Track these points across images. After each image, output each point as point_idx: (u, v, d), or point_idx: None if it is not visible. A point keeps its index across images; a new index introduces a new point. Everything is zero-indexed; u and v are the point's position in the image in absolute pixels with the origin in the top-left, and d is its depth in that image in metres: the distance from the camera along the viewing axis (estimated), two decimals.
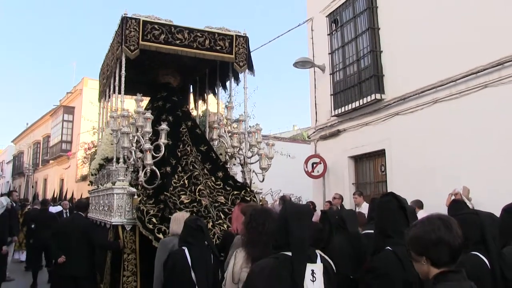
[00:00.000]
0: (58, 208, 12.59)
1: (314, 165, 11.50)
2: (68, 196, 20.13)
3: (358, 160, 10.82)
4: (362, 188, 10.32)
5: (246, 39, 7.47)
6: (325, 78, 11.60)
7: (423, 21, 8.79)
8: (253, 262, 2.91)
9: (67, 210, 12.63)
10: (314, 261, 2.52)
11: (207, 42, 7.10)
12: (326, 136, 11.59)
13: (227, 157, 7.69)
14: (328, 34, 11.46)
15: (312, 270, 2.46)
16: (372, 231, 3.67)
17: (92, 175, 8.64)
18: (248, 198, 6.77)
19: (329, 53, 11.38)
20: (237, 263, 3.22)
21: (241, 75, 7.88)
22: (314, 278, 2.44)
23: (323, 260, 2.58)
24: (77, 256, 6.15)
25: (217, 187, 6.94)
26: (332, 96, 11.11)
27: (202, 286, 3.90)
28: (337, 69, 11.08)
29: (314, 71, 12.08)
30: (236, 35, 7.37)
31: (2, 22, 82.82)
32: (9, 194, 10.28)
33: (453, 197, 7.08)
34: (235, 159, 7.65)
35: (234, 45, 7.32)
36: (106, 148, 7.57)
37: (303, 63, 11.58)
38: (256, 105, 20.73)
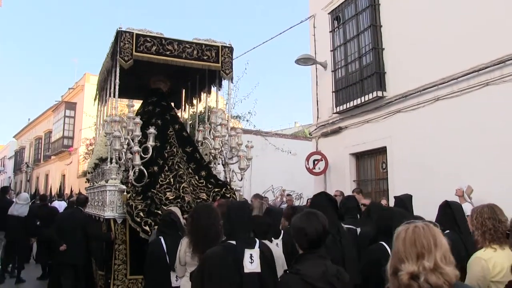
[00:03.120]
0: (63, 204, 12.65)
1: (316, 162, 11.53)
2: (68, 192, 20.25)
3: (360, 157, 10.84)
4: (363, 185, 10.35)
5: (231, 49, 8.11)
6: (327, 75, 11.62)
7: (425, 18, 8.80)
8: (195, 247, 3.62)
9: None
10: (252, 247, 3.17)
11: (195, 52, 7.76)
12: (328, 133, 11.62)
13: (211, 158, 8.35)
14: (330, 31, 11.47)
15: (251, 254, 3.12)
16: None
17: (88, 173, 9.40)
18: (228, 195, 7.38)
19: (331, 50, 11.39)
20: (182, 249, 3.87)
21: (224, 83, 8.66)
22: (252, 260, 3.10)
23: (261, 246, 3.23)
24: (75, 246, 6.96)
25: (200, 185, 7.55)
26: (333, 93, 11.13)
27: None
28: (339, 66, 11.09)
29: (316, 68, 12.10)
30: (221, 45, 8.01)
31: (5, 19, 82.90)
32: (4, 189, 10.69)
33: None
34: (217, 159, 8.30)
35: (220, 54, 7.96)
36: (100, 149, 8.27)
37: (305, 60, 11.61)
38: (257, 101, 20.88)
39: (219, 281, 3.01)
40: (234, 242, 3.16)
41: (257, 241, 3.26)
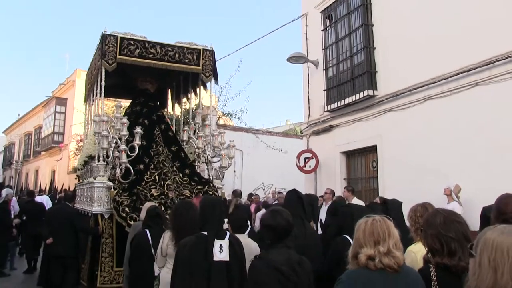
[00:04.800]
0: (44, 198, 12.77)
1: (306, 160, 11.57)
2: (58, 188, 20.17)
3: (350, 155, 10.89)
4: (353, 183, 10.40)
5: (212, 52, 8.41)
6: (318, 73, 11.65)
7: (416, 19, 8.86)
8: (177, 240, 3.90)
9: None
10: (222, 238, 3.52)
11: (177, 55, 8.07)
12: (319, 131, 11.66)
13: (196, 156, 8.67)
14: (322, 30, 11.50)
15: (220, 245, 3.45)
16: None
17: (78, 170, 9.87)
18: (211, 192, 7.78)
19: (322, 49, 11.42)
20: (165, 241, 4.19)
21: (208, 84, 8.86)
22: (221, 250, 3.44)
23: (231, 238, 3.59)
24: (63, 239, 7.28)
25: (184, 182, 7.92)
26: (325, 91, 11.16)
27: None
28: (331, 65, 11.12)
29: (308, 67, 12.12)
30: (203, 49, 8.31)
31: None
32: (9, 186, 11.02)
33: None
34: (200, 158, 8.62)
35: (201, 58, 8.25)
36: (89, 147, 8.64)
37: (297, 58, 11.62)
38: (249, 99, 20.99)
39: (190, 267, 3.36)
40: (206, 233, 3.49)
41: (228, 233, 3.63)
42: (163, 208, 6.74)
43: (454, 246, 2.53)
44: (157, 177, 7.61)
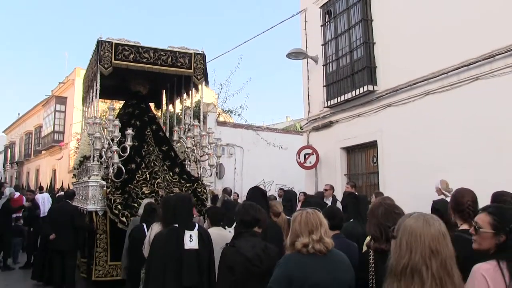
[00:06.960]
0: (46, 196, 12.89)
1: (307, 156, 11.55)
2: (57, 187, 20.27)
3: (350, 151, 10.87)
4: (354, 179, 10.37)
5: (203, 56, 8.76)
6: (318, 69, 11.62)
7: (415, 13, 8.82)
8: None
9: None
10: (192, 229, 3.96)
11: (169, 59, 8.45)
12: (319, 127, 11.64)
13: (186, 156, 9.03)
14: (321, 25, 11.46)
15: (190, 235, 3.90)
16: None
17: (74, 169, 10.46)
18: (200, 190, 8.13)
19: (322, 44, 11.38)
20: (152, 233, 4.56)
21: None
22: (191, 239, 3.88)
23: (200, 229, 4.05)
24: (64, 234, 7.73)
25: (174, 180, 8.29)
26: (324, 87, 11.13)
27: None
28: (330, 61, 11.09)
29: (307, 62, 12.09)
30: (194, 53, 8.65)
31: None
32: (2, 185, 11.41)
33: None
34: (189, 157, 8.97)
35: (193, 61, 8.59)
36: (84, 148, 9.06)
37: (296, 54, 11.57)
38: (249, 96, 21.05)
39: (164, 256, 3.82)
40: (177, 226, 3.96)
41: (197, 224, 4.10)
42: None
43: (391, 234, 2.83)
44: (148, 175, 7.95)
